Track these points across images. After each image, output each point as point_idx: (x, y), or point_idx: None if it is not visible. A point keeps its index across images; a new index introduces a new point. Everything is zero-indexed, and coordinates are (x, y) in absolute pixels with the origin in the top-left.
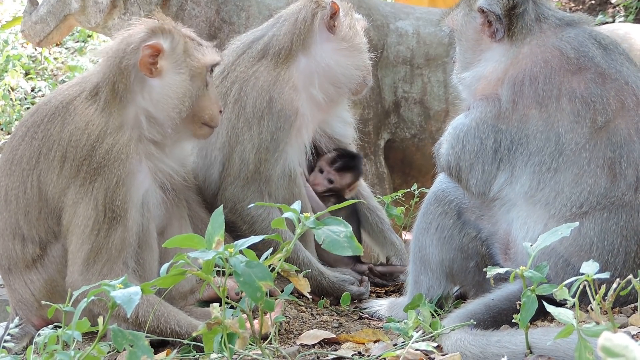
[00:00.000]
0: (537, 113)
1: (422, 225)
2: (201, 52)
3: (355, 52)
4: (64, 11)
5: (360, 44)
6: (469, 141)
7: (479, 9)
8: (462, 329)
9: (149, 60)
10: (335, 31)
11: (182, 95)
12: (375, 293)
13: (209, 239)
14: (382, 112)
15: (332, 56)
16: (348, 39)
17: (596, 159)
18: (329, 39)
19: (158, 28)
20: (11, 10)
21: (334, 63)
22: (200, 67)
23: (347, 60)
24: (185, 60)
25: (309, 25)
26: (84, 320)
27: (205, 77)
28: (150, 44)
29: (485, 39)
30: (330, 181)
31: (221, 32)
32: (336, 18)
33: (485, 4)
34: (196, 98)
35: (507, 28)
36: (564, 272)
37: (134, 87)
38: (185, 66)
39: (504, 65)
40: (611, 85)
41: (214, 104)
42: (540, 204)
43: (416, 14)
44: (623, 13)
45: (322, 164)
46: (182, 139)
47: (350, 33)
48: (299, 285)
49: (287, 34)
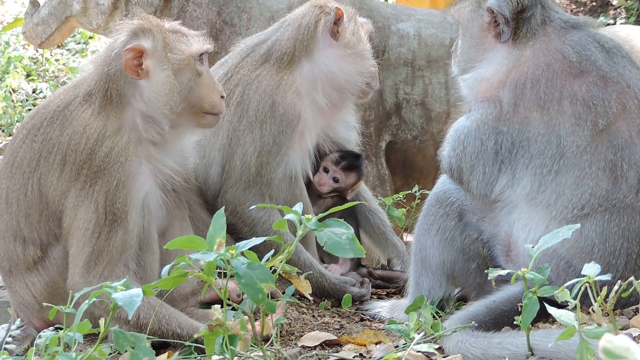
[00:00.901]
0: (539, 116)
1: (423, 226)
2: (185, 43)
3: (358, 58)
4: (65, 13)
5: (363, 50)
6: (470, 143)
7: (488, 9)
8: (463, 331)
9: (134, 62)
10: (339, 37)
11: (169, 91)
12: (376, 295)
13: (211, 240)
14: (384, 113)
15: (335, 62)
16: (351, 45)
17: (597, 161)
18: (332, 45)
19: (138, 29)
20: (13, 12)
21: (337, 69)
22: (185, 59)
23: (350, 67)
24: (167, 55)
25: (312, 31)
26: (85, 322)
27: (194, 67)
28: (131, 47)
29: (489, 39)
30: (335, 180)
31: (222, 33)
32: (340, 24)
33: (495, 5)
34: (188, 90)
35: (513, 31)
36: (565, 274)
37: (126, 91)
38: (168, 61)
39: (506, 68)
40: (613, 88)
41: (213, 91)
42: (542, 205)
43: (417, 15)
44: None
45: (327, 164)
46: (185, 132)
47: (354, 39)
48: (300, 287)
49: (290, 39)
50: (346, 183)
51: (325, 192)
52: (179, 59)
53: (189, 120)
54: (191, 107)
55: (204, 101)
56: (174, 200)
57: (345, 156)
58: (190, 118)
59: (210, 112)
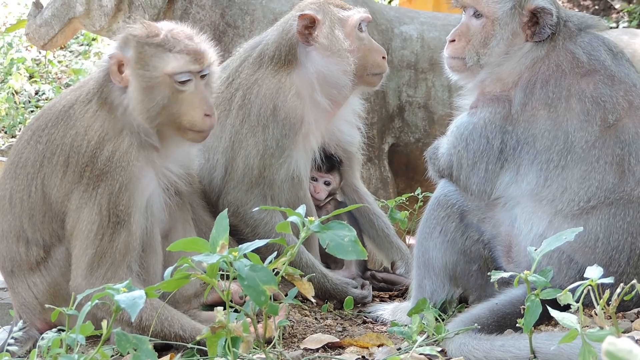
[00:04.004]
0: (546, 113)
1: (425, 229)
2: (162, 60)
3: (338, 58)
4: (69, 14)
5: (340, 50)
6: (474, 140)
7: (536, 9)
8: (466, 333)
9: (116, 69)
10: (313, 41)
11: (141, 104)
12: (379, 297)
13: (214, 242)
14: (386, 116)
15: (320, 64)
16: (327, 47)
17: (605, 155)
18: (312, 48)
19: (124, 37)
20: (16, 13)
21: (325, 70)
22: (159, 77)
23: (333, 67)
24: (137, 70)
25: (290, 37)
26: (87, 324)
27: (171, 85)
28: (112, 55)
29: (521, 37)
30: (327, 183)
31: (226, 35)
32: (315, 28)
33: (546, 5)
34: (162, 106)
35: (553, 31)
36: (567, 268)
37: (116, 96)
38: (138, 76)
39: (523, 67)
40: (620, 86)
41: (194, 109)
42: (547, 200)
43: (420, 18)
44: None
45: (313, 174)
46: (176, 143)
47: (327, 42)
48: (303, 289)
49: (274, 43)
50: (336, 182)
51: (323, 197)
52: (150, 75)
53: (174, 134)
54: (172, 122)
55: (183, 119)
56: (177, 203)
57: (323, 160)
58: (174, 132)
59: (191, 130)
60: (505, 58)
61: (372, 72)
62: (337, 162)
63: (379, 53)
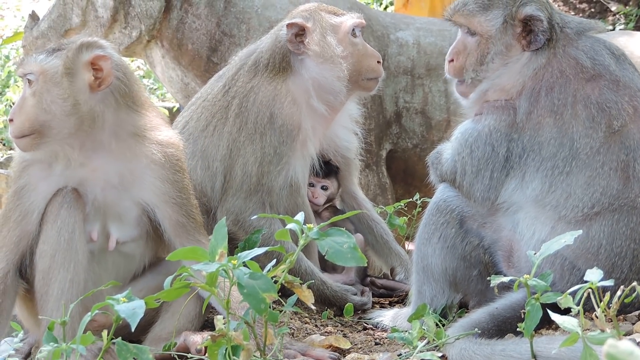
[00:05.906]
0: (552, 121)
1: (424, 235)
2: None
3: (331, 65)
4: (65, 26)
5: (333, 56)
6: (479, 147)
7: (525, 18)
8: (466, 338)
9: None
10: (305, 49)
11: None
12: (379, 304)
13: (212, 251)
14: (384, 122)
15: (314, 70)
16: (319, 54)
17: (610, 161)
18: (305, 55)
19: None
20: (12, 26)
21: (319, 76)
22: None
23: (327, 73)
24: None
25: (281, 45)
26: (88, 334)
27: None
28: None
29: (516, 48)
30: (324, 188)
31: (222, 44)
32: (305, 36)
33: (535, 12)
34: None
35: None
36: (569, 274)
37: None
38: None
39: (526, 77)
40: (625, 91)
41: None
42: (550, 205)
43: (416, 24)
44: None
45: (310, 180)
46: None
47: (319, 49)
48: (302, 296)
49: (267, 51)
50: (334, 187)
51: (321, 203)
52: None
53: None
54: None
55: None
56: None
57: (321, 166)
58: None
59: None
60: (505, 70)
61: (368, 77)
62: (335, 168)
63: (374, 58)
